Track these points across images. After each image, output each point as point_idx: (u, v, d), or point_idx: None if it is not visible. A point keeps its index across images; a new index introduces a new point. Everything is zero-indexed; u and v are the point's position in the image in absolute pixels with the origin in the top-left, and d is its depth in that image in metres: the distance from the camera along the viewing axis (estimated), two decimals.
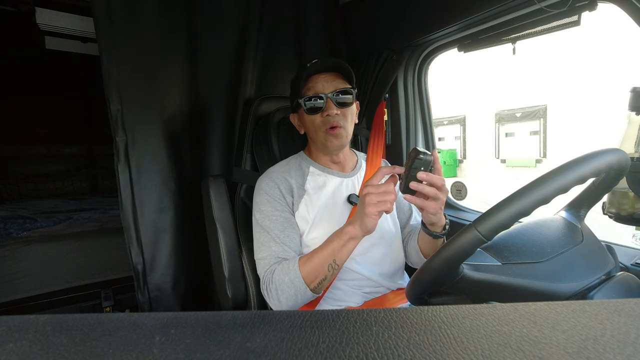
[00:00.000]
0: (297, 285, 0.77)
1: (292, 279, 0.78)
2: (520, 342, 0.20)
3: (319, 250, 0.78)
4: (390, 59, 1.34)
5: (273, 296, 0.81)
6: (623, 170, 0.58)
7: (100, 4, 1.11)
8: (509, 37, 1.10)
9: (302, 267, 0.78)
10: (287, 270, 0.79)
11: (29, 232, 2.01)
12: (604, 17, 6.24)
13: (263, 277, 0.84)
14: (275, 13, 1.45)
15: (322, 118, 0.88)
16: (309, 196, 0.91)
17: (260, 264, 0.87)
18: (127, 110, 1.17)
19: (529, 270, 0.55)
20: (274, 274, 0.81)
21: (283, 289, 0.79)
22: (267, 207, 0.89)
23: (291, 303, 0.80)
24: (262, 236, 0.88)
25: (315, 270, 0.77)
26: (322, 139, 0.90)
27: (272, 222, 0.88)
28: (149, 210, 1.22)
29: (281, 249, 0.85)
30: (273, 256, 0.85)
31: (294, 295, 0.78)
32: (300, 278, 0.77)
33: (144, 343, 0.21)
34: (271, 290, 0.81)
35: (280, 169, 0.95)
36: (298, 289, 0.77)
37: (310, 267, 0.77)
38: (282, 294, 0.79)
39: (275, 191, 0.90)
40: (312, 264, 0.77)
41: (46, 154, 3.39)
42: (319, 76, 0.89)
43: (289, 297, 0.79)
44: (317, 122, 0.89)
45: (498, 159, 11.05)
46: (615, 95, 7.38)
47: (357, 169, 1.01)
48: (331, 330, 0.22)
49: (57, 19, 2.07)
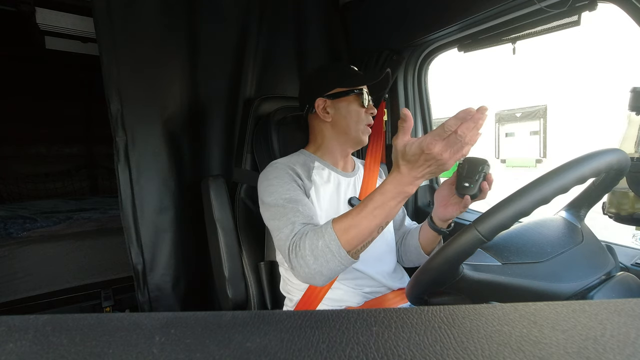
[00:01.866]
0: (334, 251, 0.68)
1: (328, 243, 0.69)
2: (520, 342, 0.20)
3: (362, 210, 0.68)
4: (390, 59, 1.34)
5: (303, 262, 0.70)
6: (623, 170, 0.58)
7: (100, 4, 1.11)
8: (509, 37, 1.10)
9: (340, 231, 0.69)
10: (320, 234, 0.70)
11: (29, 232, 2.01)
12: (604, 17, 6.24)
13: (290, 242, 0.74)
14: (275, 13, 1.45)
15: (367, 114, 0.96)
16: (316, 187, 0.91)
17: (284, 232, 0.76)
18: (127, 110, 1.17)
19: (529, 270, 0.55)
20: (305, 237, 0.72)
21: (317, 254, 0.69)
22: (277, 188, 0.85)
23: (325, 270, 0.70)
24: (278, 212, 0.80)
25: (360, 234, 0.68)
26: (360, 132, 0.96)
27: (286, 200, 0.82)
28: (149, 210, 1.22)
29: (303, 217, 0.78)
30: (297, 223, 0.77)
31: (329, 261, 0.69)
32: (338, 243, 0.68)
33: (144, 343, 0.21)
34: (302, 254, 0.71)
35: (284, 160, 0.95)
36: (335, 254, 0.68)
37: (353, 230, 0.68)
38: (314, 260, 0.69)
39: (284, 174, 0.88)
40: (355, 227, 0.68)
41: (46, 154, 3.38)
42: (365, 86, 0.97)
43: (324, 264, 0.69)
44: (362, 116, 0.95)
45: (498, 159, 11.04)
46: (615, 95, 7.38)
47: (356, 171, 1.03)
48: (331, 330, 0.22)
49: (57, 19, 2.07)
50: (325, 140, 0.98)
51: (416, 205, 1.54)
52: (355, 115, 0.94)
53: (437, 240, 0.93)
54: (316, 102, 0.95)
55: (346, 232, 0.68)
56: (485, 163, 0.76)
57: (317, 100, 0.95)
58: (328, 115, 0.95)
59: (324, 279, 0.72)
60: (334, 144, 0.97)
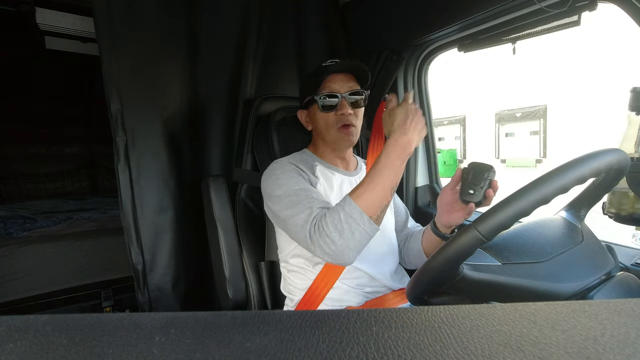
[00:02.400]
0: (357, 219, 0.69)
1: (349, 212, 0.70)
2: (520, 342, 0.20)
3: (374, 175, 0.72)
4: (390, 59, 1.34)
5: (328, 240, 0.70)
6: (623, 170, 0.58)
7: (100, 4, 1.11)
8: (509, 37, 1.10)
9: (358, 199, 0.71)
10: (339, 208, 0.71)
11: (29, 232, 2.01)
12: (604, 17, 6.24)
13: (309, 227, 0.73)
14: (275, 13, 1.45)
15: (336, 116, 0.91)
16: (321, 183, 0.91)
17: (299, 220, 0.76)
18: (127, 110, 1.17)
19: (529, 270, 0.55)
20: (325, 217, 0.72)
21: (341, 228, 0.69)
22: (286, 180, 0.84)
23: (352, 243, 0.70)
24: (290, 203, 0.79)
25: (378, 197, 0.71)
26: (334, 136, 0.93)
27: (298, 190, 0.81)
28: (149, 210, 1.22)
29: (318, 202, 0.78)
30: (313, 207, 0.76)
31: (355, 231, 0.69)
32: (359, 209, 0.70)
33: (144, 343, 0.21)
34: (325, 232, 0.70)
35: (287, 158, 0.95)
36: (359, 222, 0.69)
37: (370, 195, 0.71)
38: (339, 235, 0.69)
39: (291, 168, 0.88)
40: (372, 191, 0.71)
41: (46, 154, 3.38)
42: (335, 76, 0.92)
43: (349, 236, 0.69)
44: (331, 120, 0.92)
45: (498, 159, 11.05)
46: (615, 95, 7.38)
47: (358, 170, 1.03)
48: (331, 330, 0.22)
49: (57, 19, 2.07)
50: (318, 144, 1.00)
51: (416, 205, 1.54)
52: (322, 122, 0.93)
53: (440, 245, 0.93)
54: (298, 114, 1.00)
55: (365, 198, 0.71)
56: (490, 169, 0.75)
57: (298, 112, 1.00)
58: (309, 124, 0.99)
59: (352, 253, 0.71)
60: (324, 148, 0.99)
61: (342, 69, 0.93)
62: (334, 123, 0.92)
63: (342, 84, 0.91)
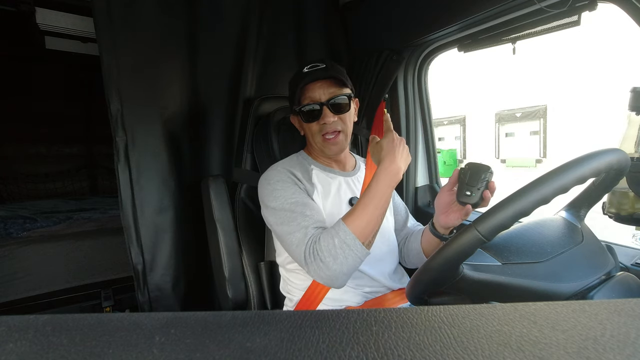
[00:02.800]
0: (350, 245, 0.73)
1: (344, 239, 0.73)
2: (520, 342, 0.20)
3: (366, 202, 0.75)
4: (390, 59, 1.34)
5: (322, 265, 0.73)
6: (623, 170, 0.58)
7: (100, 4, 1.11)
8: (509, 37, 1.10)
9: (352, 225, 0.74)
10: (333, 233, 0.74)
11: (29, 232, 2.02)
12: (604, 17, 6.24)
13: (305, 249, 0.76)
14: (275, 13, 1.45)
15: (319, 125, 0.90)
16: (318, 190, 0.91)
17: (296, 238, 0.79)
18: (127, 110, 1.17)
19: (529, 270, 0.55)
20: (320, 241, 0.74)
21: (335, 254, 0.72)
22: (281, 192, 0.85)
23: (345, 268, 0.73)
24: (286, 217, 0.82)
25: (370, 224, 0.75)
26: (320, 145, 0.93)
27: (293, 203, 0.83)
28: (149, 210, 1.22)
29: (313, 221, 0.81)
30: (309, 227, 0.79)
31: (348, 256, 0.72)
32: (353, 235, 0.73)
33: (144, 343, 0.21)
34: (320, 257, 0.73)
35: (283, 163, 0.95)
36: (352, 248, 0.73)
37: (362, 221, 0.74)
38: (333, 260, 0.72)
39: (285, 178, 0.88)
40: (364, 217, 0.74)
41: (46, 154, 3.38)
42: (315, 84, 0.89)
43: (343, 262, 0.72)
44: (314, 129, 0.91)
45: (498, 159, 11.05)
46: (615, 95, 7.38)
47: (356, 170, 1.02)
48: (331, 330, 0.22)
49: (57, 19, 2.07)
50: (312, 148, 1.00)
51: (416, 205, 1.54)
52: (307, 131, 0.94)
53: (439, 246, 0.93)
54: (291, 119, 1.00)
55: (357, 225, 0.74)
56: (488, 170, 0.74)
57: (291, 117, 1.00)
58: (302, 129, 0.98)
59: (345, 278, 0.75)
60: (317, 153, 0.99)
61: (317, 78, 0.89)
62: (317, 132, 0.91)
63: (322, 91, 0.88)
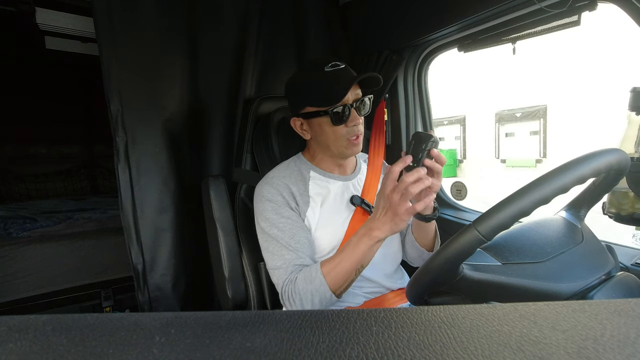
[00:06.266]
0: (322, 293, 0.77)
1: (317, 287, 0.78)
2: (520, 342, 0.20)
3: (343, 255, 0.77)
4: (390, 59, 1.34)
5: (296, 306, 0.80)
6: (623, 170, 0.58)
7: (100, 4, 1.11)
8: (509, 37, 1.10)
9: (327, 275, 0.77)
10: (310, 279, 0.79)
11: (29, 232, 2.02)
12: (605, 17, 6.24)
13: (282, 287, 0.83)
14: (275, 13, 1.45)
15: (347, 128, 0.85)
16: (314, 202, 0.90)
17: (276, 273, 0.85)
18: (127, 110, 1.17)
19: (529, 270, 0.55)
20: (296, 283, 0.80)
21: (307, 298, 0.78)
22: (271, 214, 0.87)
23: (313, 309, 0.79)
24: (271, 245, 0.86)
25: (342, 276, 0.77)
26: (343, 148, 0.87)
27: (280, 229, 0.85)
28: (149, 210, 1.22)
29: (295, 256, 0.84)
30: (289, 264, 0.83)
31: (318, 303, 0.78)
32: (326, 285, 0.77)
33: (144, 343, 0.21)
34: (294, 300, 0.80)
35: (279, 174, 0.92)
36: (323, 296, 0.78)
37: (336, 273, 0.77)
38: (306, 304, 0.79)
39: (277, 197, 0.88)
40: (338, 270, 0.77)
41: (46, 154, 3.39)
42: None
43: (314, 306, 0.79)
44: (341, 132, 0.85)
45: (498, 159, 11.04)
46: (615, 95, 7.38)
47: (357, 171, 1.00)
48: (331, 330, 0.22)
49: (57, 19, 2.08)
50: (315, 151, 0.96)
51: None
52: (331, 135, 0.86)
53: (429, 231, 0.91)
54: (291, 121, 0.93)
55: (333, 277, 0.77)
56: (429, 139, 0.69)
57: (292, 119, 0.92)
58: (307, 133, 0.92)
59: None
60: (323, 156, 0.95)
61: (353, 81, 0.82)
62: (344, 135, 0.86)
63: (351, 93, 0.84)
